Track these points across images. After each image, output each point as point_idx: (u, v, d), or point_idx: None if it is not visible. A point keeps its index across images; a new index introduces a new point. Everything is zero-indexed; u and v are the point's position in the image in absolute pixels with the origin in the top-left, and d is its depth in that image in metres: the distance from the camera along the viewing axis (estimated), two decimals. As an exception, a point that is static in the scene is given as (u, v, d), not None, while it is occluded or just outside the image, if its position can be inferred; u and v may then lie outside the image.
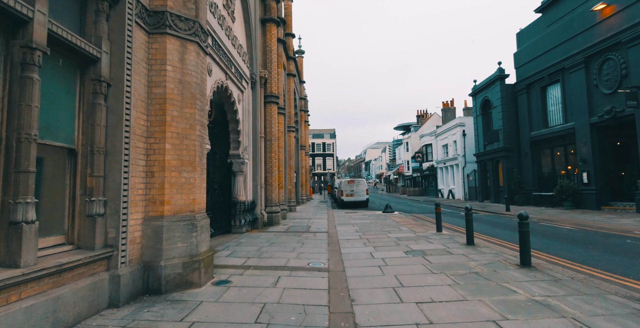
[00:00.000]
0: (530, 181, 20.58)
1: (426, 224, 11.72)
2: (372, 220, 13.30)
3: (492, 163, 23.69)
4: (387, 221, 12.91)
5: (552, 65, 18.81)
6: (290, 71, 18.38)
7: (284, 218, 13.77)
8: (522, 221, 5.46)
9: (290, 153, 18.07)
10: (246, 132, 10.80)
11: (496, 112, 23.08)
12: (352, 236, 9.36)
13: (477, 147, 25.72)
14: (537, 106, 20.40)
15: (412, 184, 46.44)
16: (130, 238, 4.19)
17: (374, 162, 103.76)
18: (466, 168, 28.69)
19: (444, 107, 39.40)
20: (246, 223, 10.33)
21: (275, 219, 12.09)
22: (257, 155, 11.36)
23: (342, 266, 5.86)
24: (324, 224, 12.40)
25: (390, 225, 11.49)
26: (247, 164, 10.82)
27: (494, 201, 23.32)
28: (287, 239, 8.92)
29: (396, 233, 9.68)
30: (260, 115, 11.90)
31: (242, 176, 10.58)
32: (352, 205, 22.21)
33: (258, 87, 11.77)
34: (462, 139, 28.90)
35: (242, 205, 10.30)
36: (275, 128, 12.70)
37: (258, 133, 11.55)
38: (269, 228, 11.34)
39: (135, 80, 4.33)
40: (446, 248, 7.20)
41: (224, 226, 10.06)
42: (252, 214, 10.82)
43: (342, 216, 15.59)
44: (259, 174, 11.56)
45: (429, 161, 38.03)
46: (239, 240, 8.73)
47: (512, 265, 5.58)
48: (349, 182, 22.15)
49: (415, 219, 13.58)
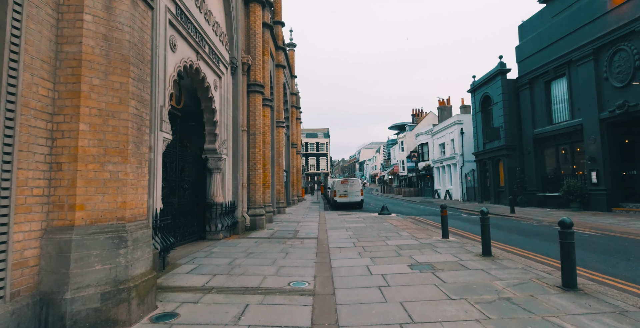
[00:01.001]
0: (534, 181, 19.50)
1: (428, 228, 10.47)
2: (368, 223, 12.02)
3: (493, 162, 22.60)
4: (384, 224, 11.65)
5: (558, 58, 17.75)
6: (279, 62, 17.05)
7: (269, 222, 12.43)
8: (566, 230, 4.20)
9: (279, 150, 16.74)
10: (224, 124, 9.45)
11: (497, 109, 21.99)
12: (345, 243, 8.07)
13: (476, 145, 24.63)
14: (540, 102, 19.33)
15: (407, 184, 45.33)
16: (17, 259, 2.84)
17: (368, 162, 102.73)
18: (464, 168, 27.60)
19: (440, 106, 38.35)
20: (224, 228, 8.97)
21: (259, 223, 10.75)
22: (238, 150, 10.01)
23: (331, 287, 4.56)
24: (314, 228, 11.09)
25: (388, 230, 10.22)
26: (226, 160, 9.47)
27: (495, 202, 22.23)
28: (269, 247, 7.58)
29: (396, 239, 8.40)
30: (242, 105, 10.55)
31: (219, 174, 9.22)
32: (346, 206, 20.94)
33: (240, 74, 10.42)
34: (460, 137, 27.80)
35: (219, 207, 8.94)
36: (259, 121, 11.36)
37: (239, 126, 10.20)
38: (251, 233, 9.99)
39: (32, 30, 2.98)
40: (459, 260, 5.94)
41: (197, 232, 8.69)
42: (231, 217, 9.47)
43: (334, 218, 14.30)
44: (240, 172, 10.21)
45: (425, 161, 36.93)
46: (211, 249, 7.37)
47: (551, 287, 4.31)
48: (342, 182, 20.86)
49: (415, 222, 12.34)
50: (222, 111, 9.30)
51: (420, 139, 37.53)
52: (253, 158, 11.03)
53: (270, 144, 13.17)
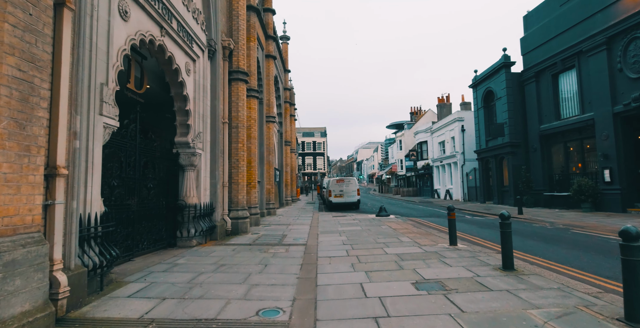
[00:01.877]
0: (540, 180, 18.41)
1: (431, 232, 9.34)
2: (364, 226, 10.88)
3: (496, 161, 21.51)
4: (382, 227, 10.51)
5: (566, 49, 16.66)
6: (269, 52, 15.87)
7: (256, 225, 11.26)
8: (631, 243, 3.05)
9: (269, 147, 15.57)
10: (200, 114, 8.27)
11: (500, 104, 20.90)
12: (337, 251, 6.92)
13: (478, 143, 23.53)
14: (547, 96, 18.25)
15: (406, 184, 44.24)
16: None
17: (365, 162, 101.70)
18: (465, 166, 26.51)
19: (439, 103, 37.28)
20: (198, 233, 7.80)
21: (242, 226, 9.58)
22: (217, 145, 8.84)
23: (312, 319, 3.41)
24: (305, 232, 9.93)
25: (386, 234, 9.08)
26: (202, 156, 8.29)
27: (498, 202, 21.13)
28: (247, 257, 6.42)
29: (396, 246, 7.26)
30: (222, 95, 9.38)
31: (193, 171, 8.05)
32: (342, 207, 19.78)
33: (219, 60, 9.25)
34: (461, 135, 26.70)
35: (193, 209, 7.77)
36: (243, 113, 10.19)
37: (219, 117, 9.03)
38: (232, 238, 8.82)
39: None
40: (475, 276, 4.80)
41: (166, 238, 7.51)
42: (208, 221, 8.30)
43: (328, 220, 13.15)
44: (220, 170, 9.04)
45: (424, 160, 35.84)
46: (177, 260, 6.20)
47: (610, 321, 3.17)
48: (337, 181, 19.69)
49: (416, 225, 11.20)
50: (196, 99, 8.13)
51: (419, 138, 36.44)
52: (235, 154, 9.85)
53: (257, 140, 12.00)
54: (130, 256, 6.19)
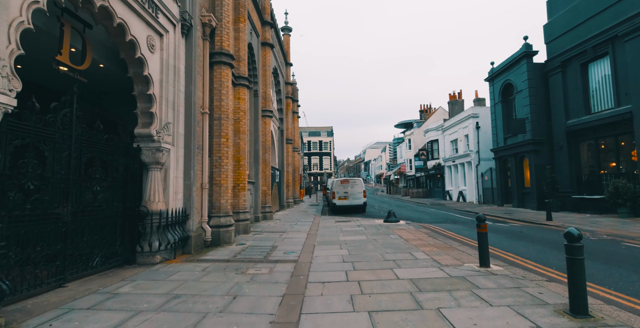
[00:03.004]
0: (567, 181, 16.58)
1: (451, 245, 7.72)
2: (370, 235, 9.30)
3: (516, 160, 19.68)
4: (392, 237, 8.92)
5: (599, 34, 14.83)
6: (266, 40, 14.39)
7: (245, 232, 9.77)
8: None
9: (265, 145, 14.08)
10: (169, 101, 6.81)
11: (521, 98, 19.08)
12: (334, 272, 5.37)
13: (495, 141, 21.71)
14: (575, 88, 16.41)
15: (415, 184, 42.38)
16: None
17: (373, 162, 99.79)
18: (480, 166, 24.68)
19: (450, 100, 35.40)
20: (164, 246, 6.33)
21: (225, 236, 8.08)
22: (193, 139, 7.37)
23: None
24: (300, 242, 8.40)
25: (396, 247, 7.50)
26: (171, 152, 6.83)
27: (518, 205, 19.30)
28: (215, 283, 4.92)
29: (409, 266, 5.68)
30: (202, 80, 7.92)
31: (159, 170, 6.58)
32: (346, 210, 18.20)
33: (198, 38, 7.79)
34: (476, 132, 24.86)
35: (157, 217, 6.31)
36: (228, 102, 8.70)
37: (196, 106, 7.56)
38: (210, 251, 7.33)
39: None
40: (534, 326, 3.20)
41: (122, 253, 6.05)
42: (179, 231, 6.83)
43: (329, 227, 11.59)
44: (198, 169, 7.58)
45: (434, 159, 33.99)
46: (120, 288, 4.72)
47: None
48: (342, 182, 18.09)
49: (431, 234, 9.58)
50: (164, 82, 6.66)
51: (430, 136, 34.62)
52: (218, 150, 8.38)
53: (247, 134, 10.51)
54: (62, 281, 4.74)
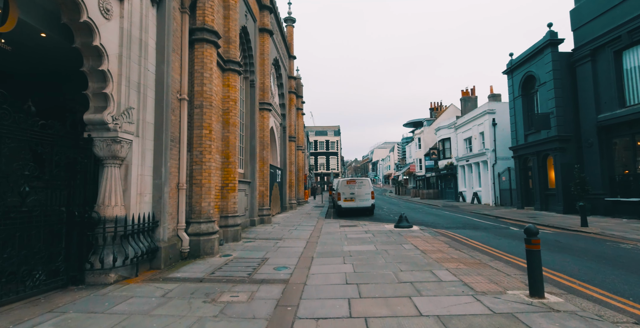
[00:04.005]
0: (598, 181, 14.93)
1: (479, 258, 6.29)
2: (380, 245, 7.91)
3: (538, 158, 18.04)
4: (406, 248, 7.52)
5: (636, 17, 13.19)
6: (264, 26, 13.09)
7: (234, 239, 8.46)
8: None
9: (263, 141, 12.78)
10: (132, 81, 5.53)
11: (544, 91, 17.45)
12: (333, 302, 4.01)
13: (515, 138, 20.07)
14: (608, 78, 14.76)
15: (425, 185, 40.69)
16: None
17: (381, 162, 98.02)
18: (497, 166, 23.04)
19: (463, 97, 33.71)
20: (122, 261, 5.05)
21: (205, 246, 6.78)
22: (165, 130, 6.09)
23: None
24: (296, 253, 7.06)
25: (413, 262, 6.10)
26: (134, 144, 5.55)
27: (541, 208, 17.65)
28: (170, 318, 3.60)
29: (433, 293, 4.29)
30: (179, 60, 6.64)
31: (118, 167, 5.30)
32: (352, 213, 16.80)
33: (174, 9, 6.50)
34: (492, 129, 23.23)
35: (113, 225, 5.03)
36: (212, 88, 7.40)
37: (171, 91, 6.28)
38: (185, 266, 6.03)
39: None
40: None
41: (65, 270, 4.79)
42: (145, 241, 5.55)
43: (333, 233, 10.23)
44: (171, 166, 6.30)
45: (446, 159, 32.34)
46: (38, 325, 3.43)
47: None
48: (348, 182, 16.69)
49: (451, 243, 8.14)
50: (125, 58, 5.38)
51: (441, 134, 32.97)
52: (199, 144, 7.08)
53: (238, 127, 9.20)
54: (-41, 316, 3.47)
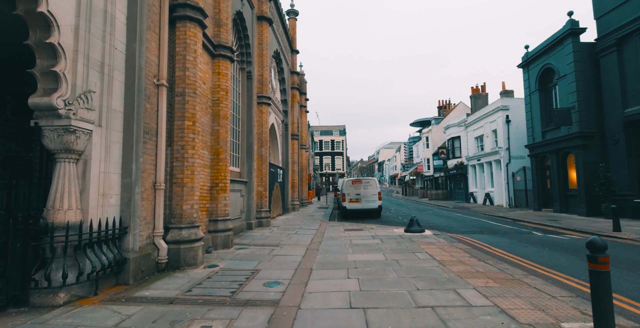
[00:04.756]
0: (626, 181, 13.74)
1: (510, 272, 5.26)
2: (389, 253, 6.90)
3: (558, 157, 16.85)
4: (420, 257, 6.50)
5: (671, 0, 12.03)
6: (263, 13, 12.15)
7: (225, 246, 7.51)
8: None
9: (262, 137, 11.85)
10: (95, 61, 4.60)
11: (565, 85, 16.27)
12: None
13: (531, 136, 18.88)
14: (636, 69, 13.57)
15: (433, 186, 39.47)
16: None
17: (387, 162, 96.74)
18: (511, 165, 21.84)
19: (473, 94, 32.50)
20: (77, 278, 4.12)
21: (187, 255, 5.83)
22: (137, 120, 5.16)
23: None
24: (293, 262, 6.08)
25: (430, 277, 5.09)
26: (96, 135, 4.61)
27: (561, 210, 16.46)
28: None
29: (462, 324, 3.28)
30: (157, 39, 5.72)
31: (73, 162, 4.38)
32: (358, 215, 15.80)
33: (149, -20, 5.58)
34: (506, 127, 22.04)
35: (64, 233, 4.10)
36: (197, 73, 6.46)
37: (146, 74, 5.35)
38: (159, 280, 5.09)
39: None
40: None
41: (4, 289, 3.87)
42: (109, 252, 4.62)
43: (337, 238, 9.24)
44: (143, 162, 5.37)
45: (456, 158, 31.13)
46: None
47: None
48: (353, 182, 15.68)
49: (471, 251, 7.09)
50: (83, 31, 4.45)
51: (451, 133, 31.77)
52: (180, 136, 6.14)
53: (229, 121, 8.25)
54: None
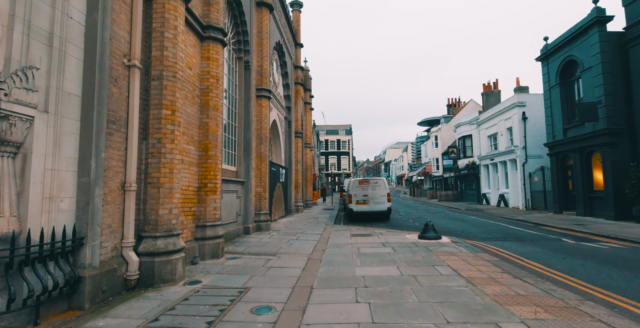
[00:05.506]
0: (660, 182, 12.51)
1: (560, 295, 4.20)
2: (405, 267, 5.87)
3: (581, 156, 15.63)
4: (442, 273, 5.46)
5: None
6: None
7: (214, 256, 6.55)
8: None
9: (261, 134, 10.89)
10: (39, 30, 3.66)
11: (589, 78, 15.06)
12: None
13: (551, 133, 17.64)
14: (673, 59, 12.36)
15: (443, 186, 38.20)
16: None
17: (394, 163, 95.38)
18: (528, 165, 20.61)
19: (485, 91, 31.22)
20: (7, 305, 3.16)
21: (163, 270, 4.87)
22: (99, 105, 4.21)
23: None
24: (290, 280, 5.09)
25: (461, 302, 4.06)
26: (41, 122, 3.66)
27: (585, 213, 15.24)
28: None
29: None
30: (127, 11, 4.77)
31: (10, 157, 3.43)
32: (365, 218, 14.76)
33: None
34: (522, 124, 20.81)
35: (-12, 248, 3.15)
36: (177, 53, 5.50)
37: (110, 51, 4.41)
38: (123, 303, 4.13)
39: None
40: None
41: None
42: (59, 269, 3.68)
43: (343, 245, 8.23)
44: (106, 157, 4.42)
45: (467, 157, 29.88)
46: None
47: None
48: (360, 183, 14.63)
49: (501, 264, 6.03)
50: (21, -11, 3.51)
51: (461, 131, 30.54)
52: (157, 128, 5.18)
53: (221, 112, 7.29)
54: None
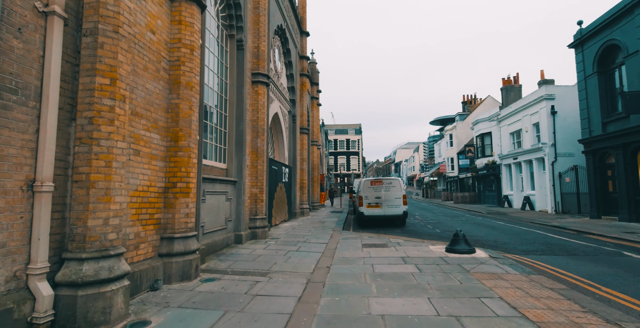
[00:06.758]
0: None
1: None
2: (439, 299, 4.26)
3: (625, 153, 13.74)
4: (496, 313, 3.83)
5: None
6: (260, -29, 9.71)
7: (184, 278, 5.04)
8: None
9: (257, 125, 9.40)
10: None
11: (635, 64, 13.17)
12: None
13: (587, 128, 15.74)
14: None
15: (458, 187, 36.22)
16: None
17: (404, 163, 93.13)
18: (557, 164, 18.68)
19: (504, 86, 29.17)
20: None
21: (92, 307, 3.36)
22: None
23: None
24: (278, 319, 3.53)
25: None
26: None
27: (629, 218, 13.34)
28: None
29: None
30: None
31: None
32: (378, 222, 13.15)
33: None
34: (551, 119, 18.89)
35: None
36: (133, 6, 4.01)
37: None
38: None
39: None
40: None
41: None
42: None
43: (352, 260, 6.64)
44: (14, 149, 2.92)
45: (486, 157, 27.92)
46: None
47: None
48: (372, 183, 13.02)
49: (573, 295, 4.37)
50: None
51: (480, 129, 28.59)
52: (88, 103, 3.68)
53: (196, 91, 5.78)
54: None
